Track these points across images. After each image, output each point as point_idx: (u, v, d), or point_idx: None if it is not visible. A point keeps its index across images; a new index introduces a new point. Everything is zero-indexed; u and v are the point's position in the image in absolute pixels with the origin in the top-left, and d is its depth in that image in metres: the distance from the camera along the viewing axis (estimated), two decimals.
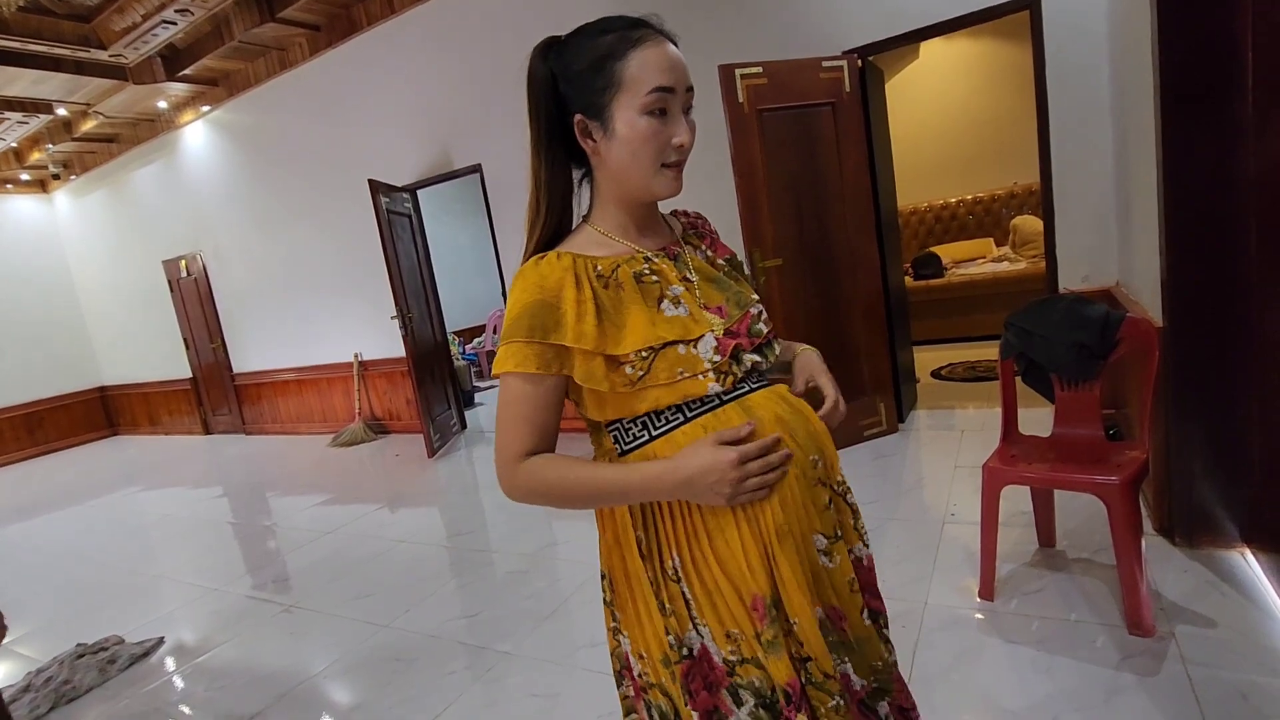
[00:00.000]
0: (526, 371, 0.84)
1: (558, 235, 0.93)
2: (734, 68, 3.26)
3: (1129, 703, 1.60)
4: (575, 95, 0.87)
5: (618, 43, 0.84)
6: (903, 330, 4.05)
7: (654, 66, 0.83)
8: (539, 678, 2.12)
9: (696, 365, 0.85)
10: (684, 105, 0.87)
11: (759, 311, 0.96)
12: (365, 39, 5.37)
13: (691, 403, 0.87)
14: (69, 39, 4.98)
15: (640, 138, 0.85)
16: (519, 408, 0.86)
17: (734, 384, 0.88)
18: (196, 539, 4.20)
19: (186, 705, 2.35)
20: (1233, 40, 1.87)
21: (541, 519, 3.50)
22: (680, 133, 0.87)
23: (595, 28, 0.87)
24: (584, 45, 0.86)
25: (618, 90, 0.84)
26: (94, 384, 8.91)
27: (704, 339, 0.87)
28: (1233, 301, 1.99)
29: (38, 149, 7.28)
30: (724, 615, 0.87)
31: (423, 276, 5.46)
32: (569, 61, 0.87)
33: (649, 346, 0.84)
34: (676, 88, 0.85)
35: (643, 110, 0.84)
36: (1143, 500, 2.38)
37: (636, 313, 0.86)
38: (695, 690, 0.89)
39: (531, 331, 0.83)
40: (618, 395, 0.86)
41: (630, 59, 0.83)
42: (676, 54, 0.86)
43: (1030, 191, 5.84)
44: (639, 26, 0.86)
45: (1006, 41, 5.80)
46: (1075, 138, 3.19)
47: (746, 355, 0.90)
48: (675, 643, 0.89)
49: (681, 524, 0.88)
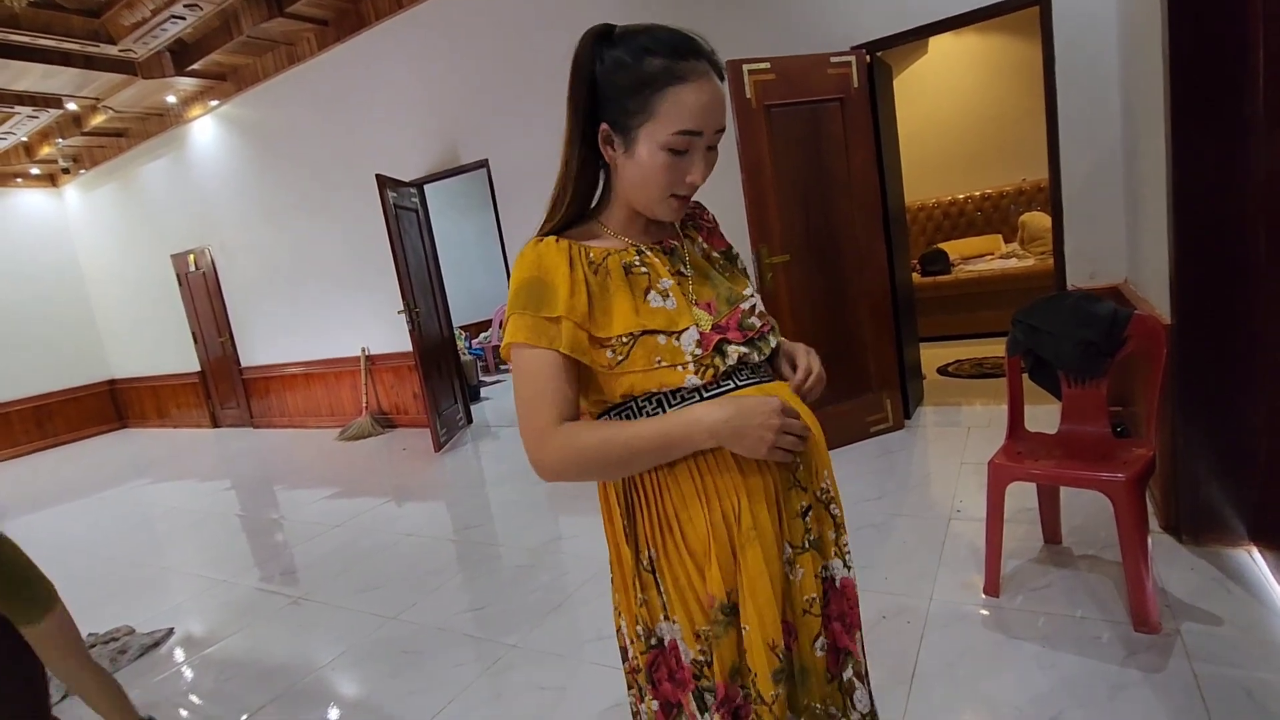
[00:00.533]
0: (529, 343, 0.85)
1: (571, 223, 0.94)
2: (741, 63, 3.25)
3: (1134, 699, 1.60)
4: (608, 106, 0.86)
5: (663, 74, 0.82)
6: (909, 327, 4.05)
7: (690, 108, 0.82)
8: (545, 671, 2.13)
9: (677, 356, 0.86)
10: (709, 144, 0.87)
11: (752, 306, 0.95)
12: (373, 34, 5.37)
13: (670, 396, 0.87)
14: (78, 34, 5.00)
15: (656, 169, 0.85)
16: (534, 383, 0.86)
17: (715, 377, 0.87)
18: (205, 531, 4.24)
19: (196, 695, 2.37)
20: (1243, 39, 1.86)
21: (548, 513, 3.52)
22: (695, 172, 0.87)
23: (647, 41, 0.84)
24: (629, 61, 0.84)
25: (647, 118, 0.84)
26: (103, 377, 8.97)
27: (687, 332, 0.87)
28: (1241, 300, 1.99)
29: (47, 143, 7.32)
30: (694, 613, 0.88)
31: (429, 271, 5.48)
32: (611, 71, 0.85)
33: (629, 332, 0.86)
34: (705, 130, 0.84)
35: (664, 146, 0.84)
36: (1149, 498, 2.37)
37: (622, 301, 0.87)
38: (659, 680, 0.92)
39: (527, 305, 0.85)
40: (600, 376, 0.88)
41: (668, 94, 0.82)
42: (717, 94, 0.85)
43: (1039, 188, 5.81)
44: (689, 58, 0.83)
45: (1016, 37, 5.76)
46: (1084, 134, 3.17)
47: (733, 348, 0.89)
48: (644, 633, 0.91)
49: (657, 515, 0.89)
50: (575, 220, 0.94)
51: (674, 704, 0.91)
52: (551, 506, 3.59)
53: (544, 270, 0.86)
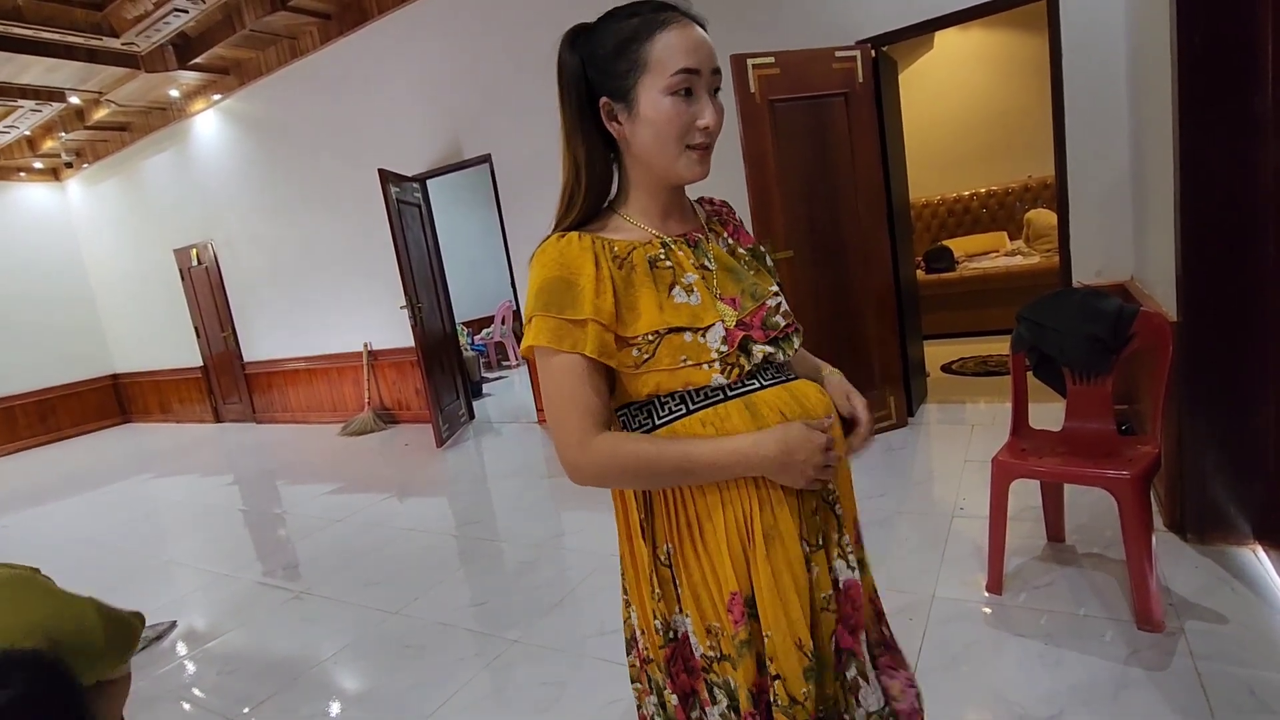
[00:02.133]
0: (552, 347, 0.83)
1: (587, 218, 0.93)
2: (746, 57, 3.24)
3: (1137, 697, 1.60)
4: (601, 79, 0.87)
5: (642, 26, 0.84)
6: (913, 324, 4.03)
7: (679, 48, 0.83)
8: (547, 666, 2.13)
9: (703, 354, 0.85)
10: (710, 87, 0.87)
11: (777, 304, 0.94)
12: (376, 27, 5.36)
13: (694, 395, 0.87)
14: (81, 27, 5.00)
15: (665, 118, 0.84)
16: (561, 389, 0.84)
17: (740, 376, 0.87)
18: (207, 526, 4.25)
19: (199, 689, 2.38)
20: (1251, 35, 1.84)
21: (550, 509, 3.52)
22: (705, 114, 0.86)
23: (622, 12, 0.87)
24: (610, 29, 0.86)
25: (642, 72, 0.84)
26: (106, 372, 8.99)
27: (713, 328, 0.86)
28: (1248, 297, 1.97)
29: (50, 137, 7.33)
30: (706, 609, 0.87)
31: (432, 267, 5.48)
32: (595, 46, 0.87)
33: (655, 331, 0.84)
34: (701, 69, 0.85)
35: (667, 91, 0.84)
36: (1154, 495, 2.36)
37: (647, 296, 0.86)
38: (676, 673, 0.92)
39: (549, 306, 0.83)
40: (624, 375, 0.87)
41: (655, 41, 0.83)
42: (702, 36, 0.86)
43: (1045, 185, 5.79)
44: (664, 9, 0.85)
45: (1022, 32, 5.73)
46: (1091, 131, 3.15)
47: (757, 347, 0.88)
48: (662, 626, 0.91)
49: (678, 513, 0.89)
50: (594, 214, 0.93)
51: (689, 694, 0.92)
52: (554, 502, 3.59)
53: (567, 269, 0.84)
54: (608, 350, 0.84)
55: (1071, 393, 2.15)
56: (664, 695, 0.94)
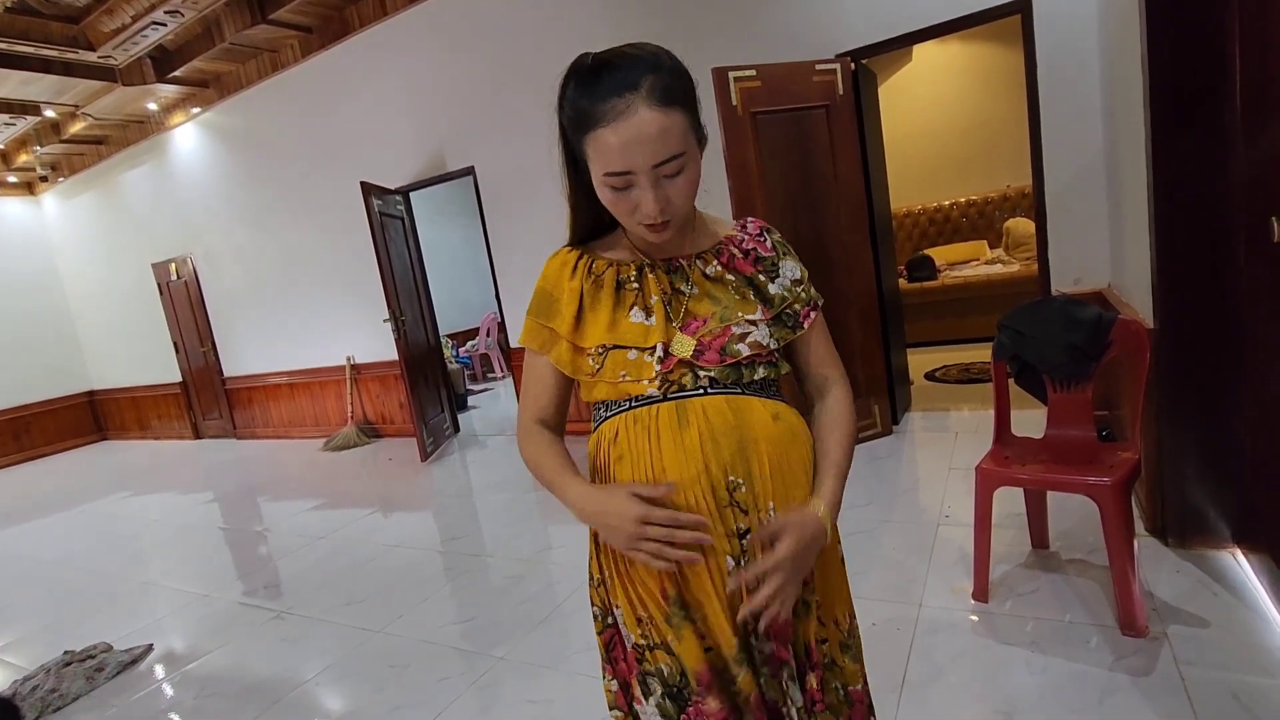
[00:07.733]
0: (529, 347, 0.98)
1: (597, 231, 0.99)
2: (727, 70, 3.26)
3: (1122, 703, 1.61)
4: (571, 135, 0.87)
5: (583, 119, 0.81)
6: (897, 332, 4.07)
7: (613, 150, 0.79)
8: (534, 683, 2.11)
9: (644, 372, 0.89)
10: (656, 177, 0.81)
11: (744, 332, 0.91)
12: (358, 41, 5.35)
13: (635, 400, 0.91)
14: (57, 40, 4.94)
15: (607, 201, 0.86)
16: (528, 381, 1.00)
17: (678, 391, 0.89)
18: (186, 545, 4.16)
19: (176, 713, 2.32)
20: (1220, 46, 1.89)
21: (537, 522, 3.49)
22: (643, 206, 0.82)
23: (576, 81, 0.82)
24: (569, 98, 0.83)
25: (587, 158, 0.85)
26: (82, 388, 8.83)
27: (656, 349, 0.89)
28: (1223, 303, 2.01)
29: (25, 151, 7.22)
30: (634, 598, 0.91)
31: (415, 279, 5.44)
32: (563, 105, 0.85)
33: (601, 345, 0.91)
34: (636, 169, 0.80)
35: (602, 185, 0.85)
36: (1135, 501, 2.39)
37: (603, 314, 0.93)
38: (615, 659, 0.97)
39: (538, 312, 0.97)
40: (583, 382, 0.95)
41: (591, 139, 0.81)
42: (643, 129, 0.78)
43: (1023, 194, 5.88)
44: (608, 98, 0.78)
45: (999, 45, 5.83)
46: (1067, 141, 3.21)
47: (704, 372, 0.88)
48: (600, 612, 0.99)
49: None
50: (604, 229, 0.99)
51: (626, 683, 0.96)
52: (541, 515, 3.56)
53: (550, 283, 0.96)
54: (563, 360, 0.94)
55: (1052, 400, 2.17)
56: (606, 681, 0.99)
